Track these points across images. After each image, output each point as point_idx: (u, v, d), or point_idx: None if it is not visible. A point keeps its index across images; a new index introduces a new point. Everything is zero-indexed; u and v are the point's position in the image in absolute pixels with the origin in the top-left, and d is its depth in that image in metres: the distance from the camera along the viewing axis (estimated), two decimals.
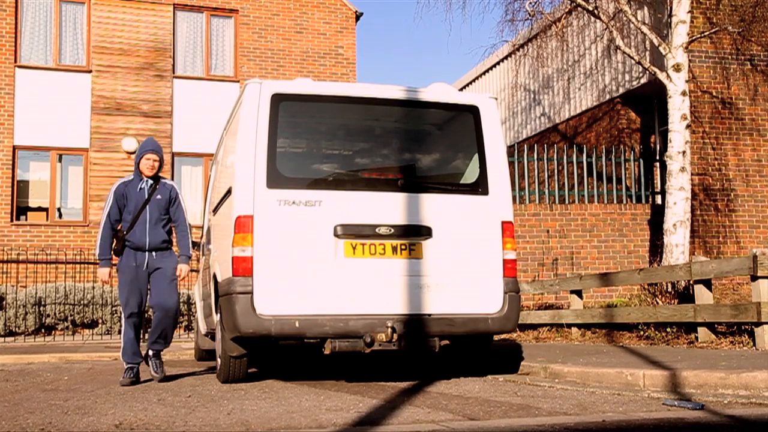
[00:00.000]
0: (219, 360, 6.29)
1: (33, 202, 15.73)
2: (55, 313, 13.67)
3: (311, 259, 5.61)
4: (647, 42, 13.10)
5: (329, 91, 6.25)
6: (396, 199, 5.84)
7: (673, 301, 9.10)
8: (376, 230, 5.68)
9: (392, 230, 5.70)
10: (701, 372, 4.84)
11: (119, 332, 13.88)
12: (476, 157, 6.19)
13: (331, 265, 5.62)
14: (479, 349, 6.47)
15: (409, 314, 5.68)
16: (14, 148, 15.34)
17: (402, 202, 5.84)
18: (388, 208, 5.80)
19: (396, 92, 6.19)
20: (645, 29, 11.52)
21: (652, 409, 4.18)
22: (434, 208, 5.90)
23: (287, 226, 5.61)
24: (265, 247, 5.56)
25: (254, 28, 16.84)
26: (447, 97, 6.31)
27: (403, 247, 5.74)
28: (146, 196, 6.32)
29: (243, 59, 16.71)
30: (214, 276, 6.44)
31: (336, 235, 5.63)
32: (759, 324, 6.65)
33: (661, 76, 11.14)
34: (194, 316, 11.88)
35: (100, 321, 13.98)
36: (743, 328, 7.24)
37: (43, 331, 13.52)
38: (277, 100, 5.82)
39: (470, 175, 6.23)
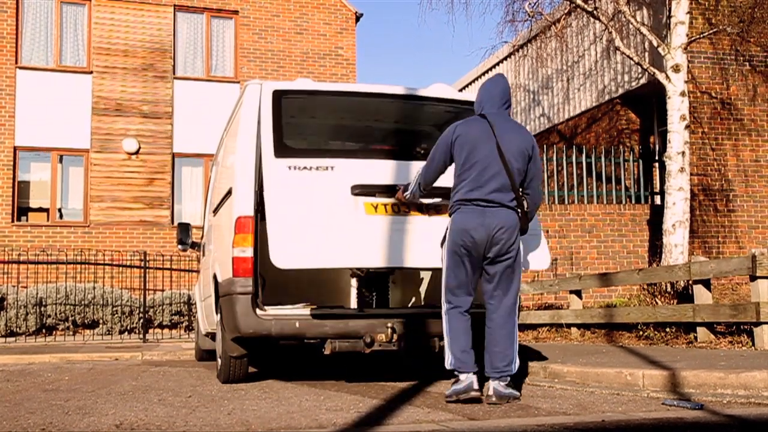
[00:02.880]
0: (219, 360, 6.30)
1: (34, 203, 15.74)
2: (55, 314, 13.69)
3: (330, 217, 5.38)
4: (646, 43, 13.12)
5: (330, 88, 6.29)
6: (409, 165, 5.68)
7: (672, 301, 9.11)
8: (396, 188, 5.50)
9: None
10: (700, 372, 4.85)
11: (120, 332, 13.99)
12: None
13: (352, 221, 5.40)
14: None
15: (408, 314, 5.70)
16: (15, 148, 15.36)
17: (416, 167, 5.56)
18: (402, 171, 5.65)
19: (396, 91, 6.23)
20: (644, 30, 11.54)
21: (652, 409, 4.19)
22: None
23: (300, 187, 5.43)
24: (276, 207, 5.34)
25: (254, 29, 16.85)
26: (447, 96, 6.33)
27: (425, 206, 5.53)
28: None
29: (243, 60, 16.72)
30: (215, 276, 6.45)
31: (354, 194, 5.47)
32: (758, 324, 6.65)
33: (660, 76, 11.16)
34: (194, 316, 11.91)
35: (100, 321, 14.00)
36: (742, 327, 7.24)
37: (43, 331, 13.54)
38: (279, 95, 5.85)
39: None
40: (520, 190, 4.66)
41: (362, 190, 5.50)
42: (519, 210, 4.65)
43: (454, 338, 4.66)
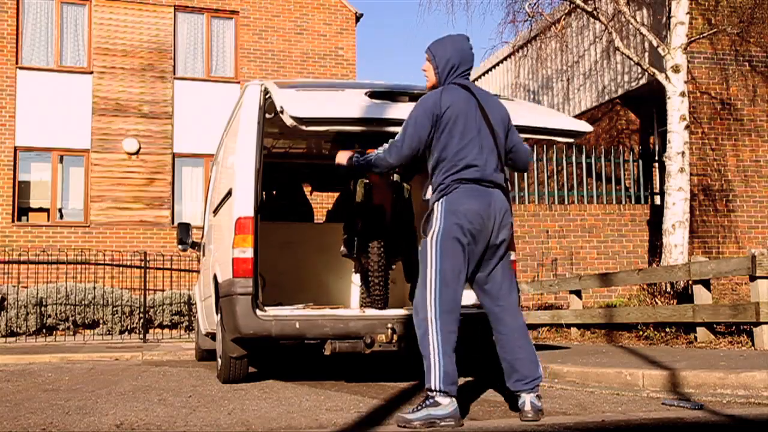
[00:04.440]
0: (219, 360, 6.31)
1: (34, 203, 15.75)
2: (56, 314, 13.70)
3: (343, 99, 5.51)
4: (646, 43, 13.12)
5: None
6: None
7: (672, 301, 9.12)
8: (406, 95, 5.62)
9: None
10: (700, 372, 4.86)
11: (120, 332, 14.01)
12: None
13: (367, 101, 5.48)
14: (479, 349, 6.48)
15: (408, 314, 5.70)
16: (15, 149, 15.37)
17: None
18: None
19: (398, 87, 6.27)
20: (644, 30, 11.54)
21: (652, 409, 4.20)
22: None
23: (312, 96, 5.56)
24: (288, 94, 5.40)
25: (255, 29, 16.86)
26: None
27: None
28: None
29: (243, 60, 16.73)
30: (215, 277, 6.46)
31: (369, 96, 5.57)
32: (757, 324, 6.66)
33: (660, 77, 11.17)
34: (194, 316, 11.92)
35: (101, 321, 14.01)
36: (742, 328, 7.25)
37: (44, 331, 13.55)
38: (280, 84, 5.91)
39: None
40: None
41: (378, 93, 5.56)
42: (507, 192, 4.07)
43: (447, 351, 3.71)
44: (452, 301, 3.79)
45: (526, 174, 13.05)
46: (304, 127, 5.01)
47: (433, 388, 3.66)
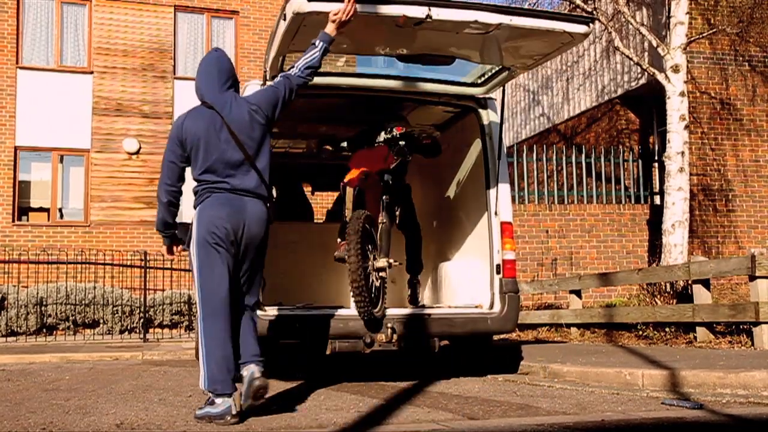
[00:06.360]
0: None
1: (34, 203, 15.75)
2: (56, 313, 13.70)
3: None
4: (646, 43, 13.13)
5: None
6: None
7: (671, 301, 9.13)
8: None
9: None
10: (700, 371, 4.87)
11: (120, 332, 14.01)
12: None
13: None
14: (479, 349, 6.49)
15: (408, 314, 5.71)
16: (16, 148, 15.37)
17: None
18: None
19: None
20: (644, 30, 11.55)
21: (651, 409, 4.20)
22: None
23: None
24: None
25: (255, 29, 16.87)
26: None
27: None
28: None
29: (243, 60, 16.73)
30: None
31: None
32: (757, 323, 6.67)
33: (660, 77, 11.17)
34: (194, 316, 11.92)
35: (101, 321, 14.01)
36: (741, 327, 7.26)
37: (44, 331, 13.55)
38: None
39: None
40: (264, 174, 4.32)
41: None
42: (268, 202, 4.33)
43: (212, 352, 4.08)
44: (217, 304, 4.08)
45: (526, 174, 13.06)
46: (306, 2, 4.72)
47: (202, 389, 4.11)
